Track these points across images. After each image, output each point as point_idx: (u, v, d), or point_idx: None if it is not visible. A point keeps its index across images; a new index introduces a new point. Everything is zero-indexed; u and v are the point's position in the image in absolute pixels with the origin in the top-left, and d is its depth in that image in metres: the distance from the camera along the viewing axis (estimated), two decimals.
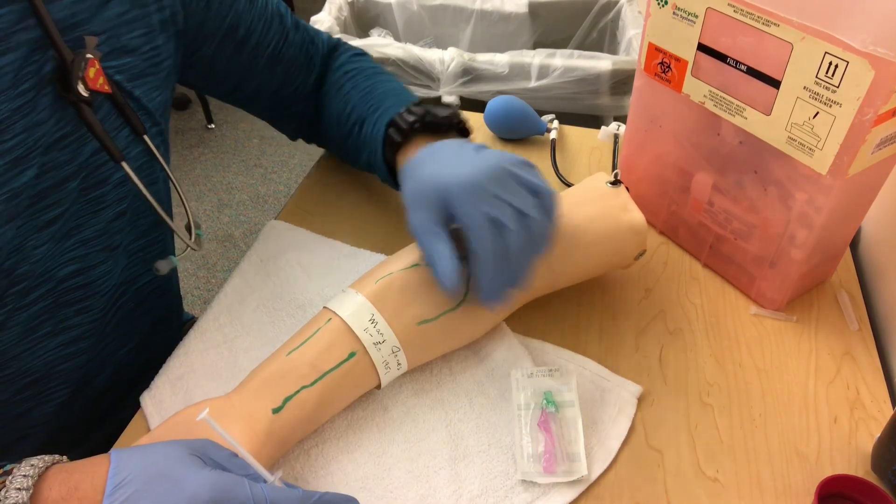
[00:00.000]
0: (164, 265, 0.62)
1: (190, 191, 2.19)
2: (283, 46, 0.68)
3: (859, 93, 0.49)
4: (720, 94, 0.59)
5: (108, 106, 0.54)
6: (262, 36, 0.65)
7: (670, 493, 0.52)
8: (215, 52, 0.63)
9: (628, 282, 0.69)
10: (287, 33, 0.68)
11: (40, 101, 0.49)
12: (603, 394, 0.57)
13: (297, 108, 0.74)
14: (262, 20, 0.65)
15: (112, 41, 0.54)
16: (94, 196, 0.56)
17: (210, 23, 0.61)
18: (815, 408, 0.58)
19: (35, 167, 0.50)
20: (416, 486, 0.51)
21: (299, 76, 0.71)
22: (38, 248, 0.53)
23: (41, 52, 0.49)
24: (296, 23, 0.70)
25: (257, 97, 0.71)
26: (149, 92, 0.58)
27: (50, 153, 0.51)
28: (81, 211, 0.55)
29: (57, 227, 0.53)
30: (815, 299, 0.67)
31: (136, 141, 0.58)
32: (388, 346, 0.52)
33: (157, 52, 0.58)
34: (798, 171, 0.56)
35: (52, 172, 0.52)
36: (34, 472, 0.39)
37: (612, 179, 0.62)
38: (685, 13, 0.59)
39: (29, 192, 0.50)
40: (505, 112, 0.86)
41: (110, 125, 0.55)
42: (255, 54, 0.66)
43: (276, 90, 0.70)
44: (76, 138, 0.52)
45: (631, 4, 1.55)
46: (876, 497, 0.48)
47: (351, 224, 0.75)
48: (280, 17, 0.68)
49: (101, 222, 0.57)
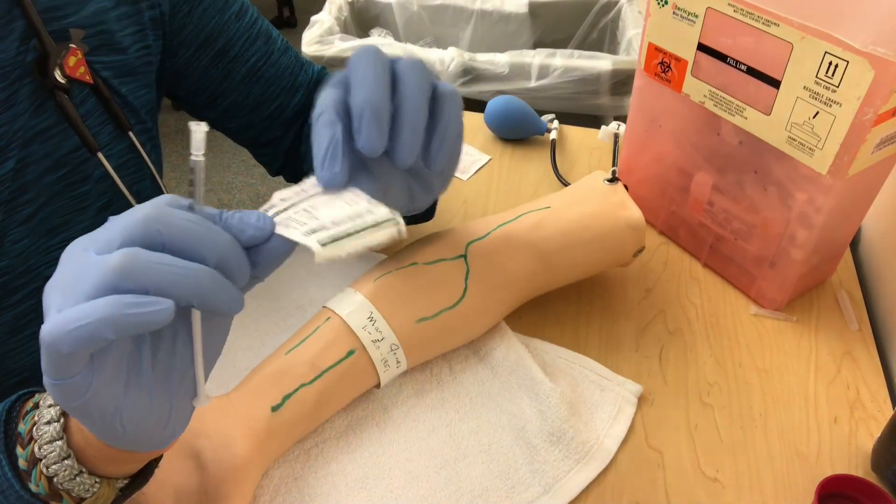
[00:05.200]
0: None
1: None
2: (264, 65, 0.65)
3: (859, 93, 0.49)
4: (720, 93, 0.59)
5: (93, 100, 0.54)
6: (241, 50, 0.63)
7: (670, 493, 0.52)
8: (189, 61, 0.62)
9: (628, 282, 0.69)
10: (271, 53, 0.66)
11: (21, 91, 0.49)
12: (603, 393, 0.57)
13: (275, 132, 0.70)
14: (245, 36, 0.63)
15: (102, 36, 0.53)
16: (79, 193, 0.55)
17: (189, 28, 0.60)
18: (815, 408, 0.58)
19: (13, 159, 0.50)
20: (416, 486, 0.51)
21: (279, 97, 0.67)
22: (19, 243, 0.52)
23: (26, 43, 0.49)
24: (285, 47, 0.68)
25: (233, 114, 0.67)
26: (136, 90, 0.58)
27: (30, 146, 0.51)
28: (67, 208, 0.55)
29: (37, 221, 0.53)
30: (815, 299, 0.67)
31: (121, 137, 0.57)
32: (387, 344, 0.52)
33: (147, 51, 0.58)
34: (798, 171, 0.56)
35: (33, 166, 0.51)
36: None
37: (610, 177, 0.63)
38: (685, 13, 0.59)
39: (8, 184, 0.50)
40: (505, 112, 0.86)
41: (95, 120, 0.55)
42: (231, 68, 0.64)
43: (252, 108, 0.67)
44: (58, 132, 0.52)
45: (631, 4, 1.55)
46: (876, 497, 0.48)
47: None
48: (267, 37, 0.66)
49: (87, 220, 0.57)
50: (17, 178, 0.51)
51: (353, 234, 0.37)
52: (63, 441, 0.37)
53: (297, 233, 0.37)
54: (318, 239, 0.36)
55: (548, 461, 0.52)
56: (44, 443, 0.37)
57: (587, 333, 0.63)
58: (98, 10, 0.53)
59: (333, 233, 0.37)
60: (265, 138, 0.70)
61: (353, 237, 0.37)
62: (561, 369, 0.59)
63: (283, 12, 3.00)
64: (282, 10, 2.99)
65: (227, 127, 0.68)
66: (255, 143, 0.71)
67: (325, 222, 0.38)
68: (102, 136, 0.56)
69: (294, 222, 0.38)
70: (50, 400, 0.38)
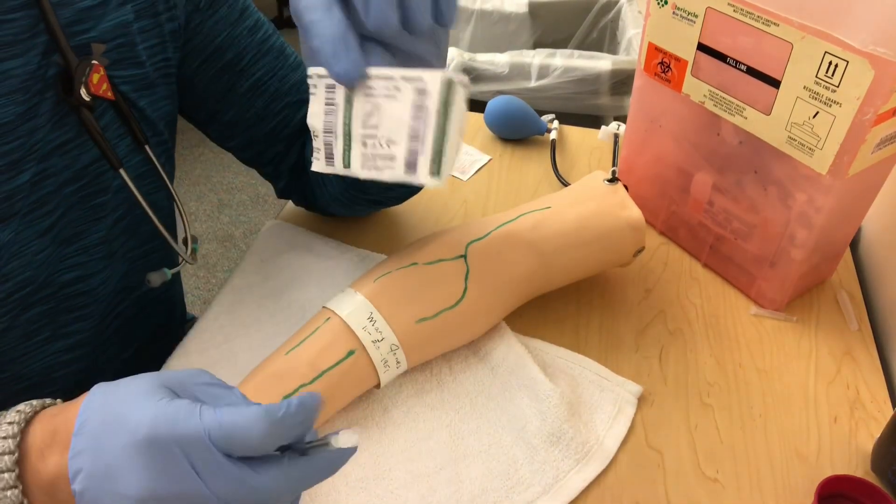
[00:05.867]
0: (157, 277, 0.60)
1: (190, 191, 2.19)
2: (270, 79, 0.64)
3: (859, 92, 0.49)
4: (720, 93, 0.59)
5: (111, 113, 0.54)
6: (249, 64, 0.63)
7: (670, 493, 0.52)
8: (195, 72, 0.61)
9: (628, 282, 0.69)
10: (279, 69, 0.65)
11: (42, 105, 0.49)
12: (603, 394, 0.57)
13: (277, 148, 0.68)
14: (255, 50, 0.63)
15: (122, 50, 0.53)
16: (96, 204, 0.56)
17: (198, 39, 0.60)
18: (816, 408, 0.58)
19: (30, 171, 0.50)
20: (416, 486, 0.51)
21: (282, 112, 0.66)
22: (40, 254, 0.53)
23: (48, 58, 0.49)
24: (297, 64, 0.67)
25: (234, 129, 0.66)
26: (154, 103, 0.58)
27: (50, 159, 0.51)
28: (83, 218, 0.55)
29: (56, 232, 0.53)
30: (815, 299, 0.67)
31: (138, 150, 0.57)
32: (387, 344, 0.52)
33: (167, 64, 0.57)
34: (798, 170, 0.56)
35: (53, 178, 0.51)
36: (21, 417, 0.37)
37: (610, 177, 0.63)
38: (685, 13, 0.59)
39: (26, 196, 0.50)
40: (505, 112, 0.86)
41: (113, 133, 0.55)
42: (235, 81, 0.63)
43: (253, 123, 0.65)
44: (77, 145, 0.52)
45: (631, 4, 1.55)
46: (876, 497, 0.48)
47: (351, 224, 0.75)
48: (279, 53, 0.65)
49: (103, 230, 0.57)
50: (35, 190, 0.51)
51: (442, 135, 0.33)
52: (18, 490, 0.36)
53: (398, 172, 0.32)
54: (427, 172, 0.32)
55: (548, 461, 0.52)
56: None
57: (587, 333, 0.63)
58: (119, 23, 0.53)
59: (429, 152, 0.32)
60: (268, 155, 0.68)
61: (447, 138, 0.33)
62: (561, 369, 0.59)
63: (283, 12, 3.00)
64: (282, 10, 3.00)
65: (230, 145, 0.68)
66: (259, 161, 0.70)
67: (404, 140, 0.33)
68: (120, 149, 0.56)
69: (379, 159, 0.33)
70: (3, 430, 0.37)
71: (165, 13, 0.56)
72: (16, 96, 0.47)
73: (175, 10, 0.57)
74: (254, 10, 0.64)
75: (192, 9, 0.58)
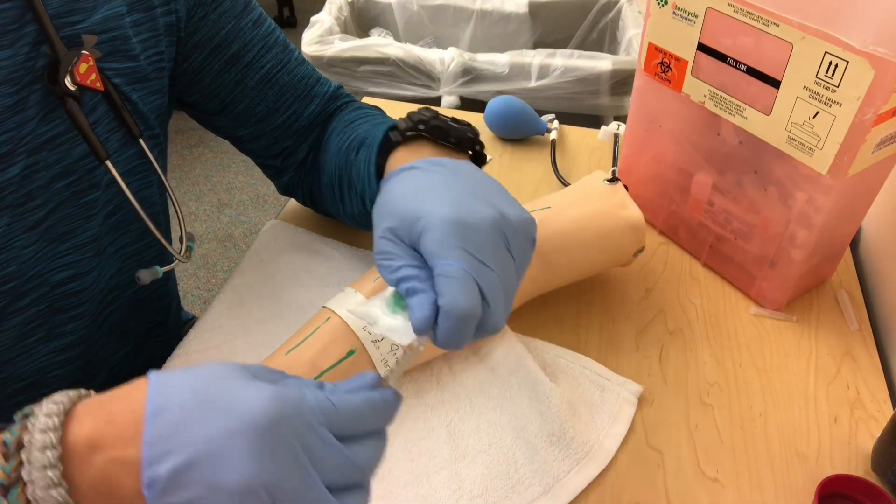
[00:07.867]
0: (147, 275, 0.59)
1: (190, 191, 2.19)
2: (279, 72, 0.64)
3: (859, 92, 0.49)
4: (720, 93, 0.59)
5: (104, 106, 0.54)
6: (257, 56, 0.63)
7: (670, 493, 0.52)
8: (202, 65, 0.61)
9: (628, 282, 0.69)
10: (287, 62, 0.65)
11: (31, 97, 0.49)
12: (603, 393, 0.57)
13: (286, 142, 0.68)
14: (262, 42, 0.63)
15: (115, 42, 0.53)
16: (87, 200, 0.55)
17: (203, 32, 0.60)
18: (816, 408, 0.58)
19: (20, 164, 0.49)
20: (416, 486, 0.51)
21: (293, 105, 0.66)
22: (27, 248, 0.52)
23: (37, 49, 0.49)
24: (302, 60, 0.67)
25: (245, 121, 0.66)
26: (147, 96, 0.57)
27: (40, 152, 0.51)
28: (74, 215, 0.55)
29: (46, 227, 0.53)
30: (815, 299, 0.67)
31: (130, 144, 0.57)
32: (387, 344, 0.52)
33: (160, 58, 0.57)
34: (798, 170, 0.56)
35: (42, 172, 0.51)
36: (59, 409, 0.34)
37: (610, 177, 0.63)
38: (685, 13, 0.59)
39: (15, 189, 0.50)
40: (505, 112, 0.86)
41: (105, 126, 0.55)
42: (245, 73, 0.63)
43: (264, 116, 0.65)
44: (68, 139, 0.52)
45: (631, 4, 1.55)
46: (876, 497, 0.48)
47: None
48: (284, 47, 0.65)
49: (94, 227, 0.57)
50: (25, 183, 0.50)
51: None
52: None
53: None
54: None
55: (548, 461, 0.52)
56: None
57: (587, 333, 0.63)
58: (111, 15, 0.52)
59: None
60: (276, 148, 0.68)
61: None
62: (561, 369, 0.59)
63: (283, 12, 3.00)
64: (282, 10, 3.00)
65: (238, 135, 0.68)
66: (265, 154, 0.69)
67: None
68: (111, 143, 0.55)
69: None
70: (41, 423, 0.33)
71: (161, 7, 0.56)
72: (3, 88, 0.47)
73: (173, 4, 0.56)
74: (256, 5, 0.64)
75: (195, 2, 0.58)
